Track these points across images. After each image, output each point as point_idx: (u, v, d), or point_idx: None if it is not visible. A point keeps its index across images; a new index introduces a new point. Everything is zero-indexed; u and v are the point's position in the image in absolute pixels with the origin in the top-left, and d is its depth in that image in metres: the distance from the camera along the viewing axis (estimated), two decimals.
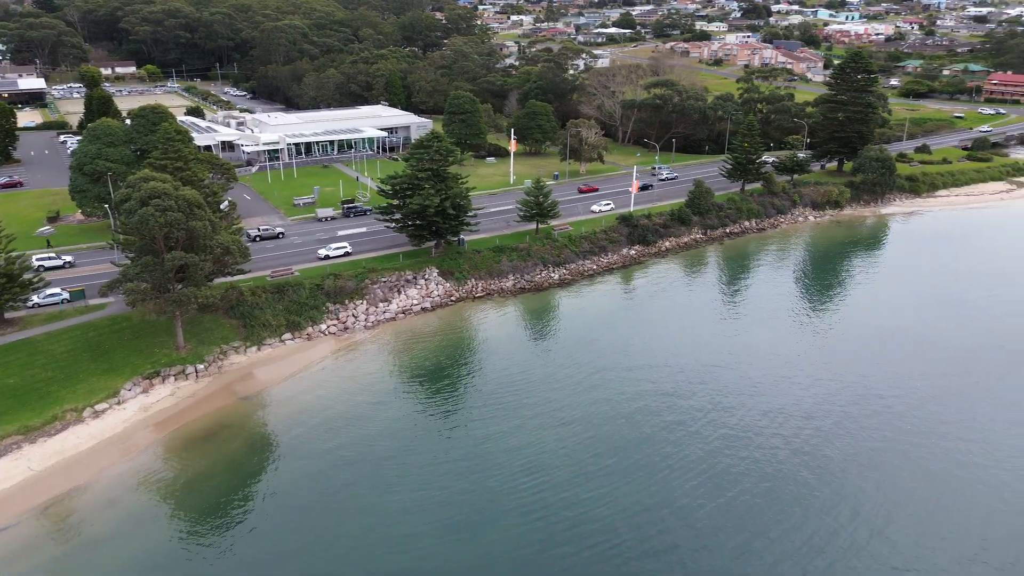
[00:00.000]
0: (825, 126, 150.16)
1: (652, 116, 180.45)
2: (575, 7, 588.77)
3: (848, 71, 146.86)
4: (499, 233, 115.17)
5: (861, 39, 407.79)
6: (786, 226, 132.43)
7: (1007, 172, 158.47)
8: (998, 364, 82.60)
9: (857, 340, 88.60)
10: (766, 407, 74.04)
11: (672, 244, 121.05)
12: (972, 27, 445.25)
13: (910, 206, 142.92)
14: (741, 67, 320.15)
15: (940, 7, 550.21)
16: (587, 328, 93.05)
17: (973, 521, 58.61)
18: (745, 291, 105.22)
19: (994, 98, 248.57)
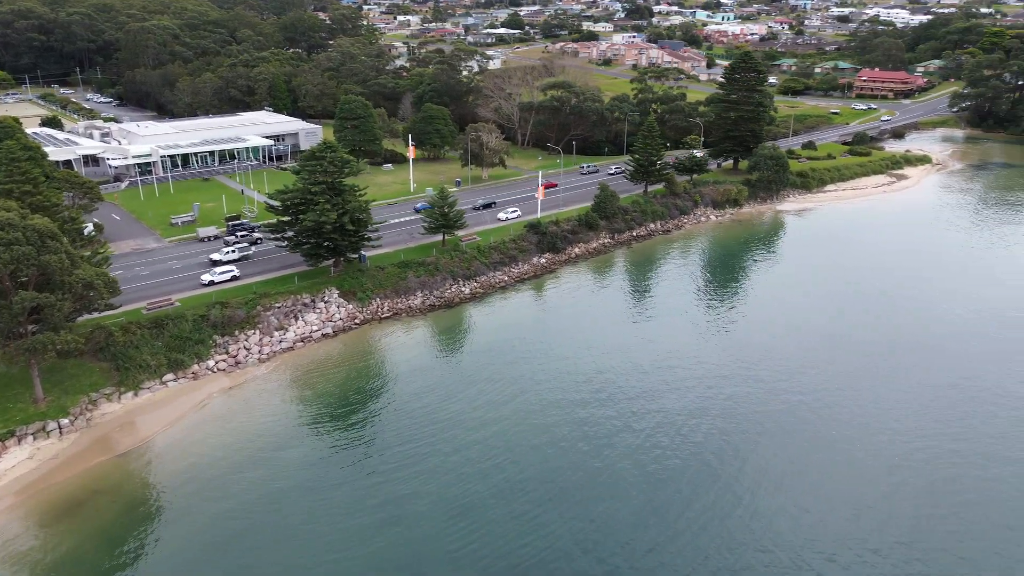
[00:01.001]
0: (719, 125, 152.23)
1: (550, 118, 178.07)
2: (462, 7, 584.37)
3: (738, 71, 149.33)
4: (403, 247, 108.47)
5: (738, 39, 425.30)
6: (690, 227, 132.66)
7: (886, 165, 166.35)
8: (886, 351, 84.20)
9: (763, 335, 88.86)
10: (681, 403, 71.77)
11: (582, 250, 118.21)
12: (836, 26, 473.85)
13: (803, 202, 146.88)
14: (630, 66, 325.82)
15: (806, 8, 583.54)
16: (503, 343, 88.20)
17: (858, 483, 63.90)
18: (656, 295, 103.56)
19: (864, 94, 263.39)
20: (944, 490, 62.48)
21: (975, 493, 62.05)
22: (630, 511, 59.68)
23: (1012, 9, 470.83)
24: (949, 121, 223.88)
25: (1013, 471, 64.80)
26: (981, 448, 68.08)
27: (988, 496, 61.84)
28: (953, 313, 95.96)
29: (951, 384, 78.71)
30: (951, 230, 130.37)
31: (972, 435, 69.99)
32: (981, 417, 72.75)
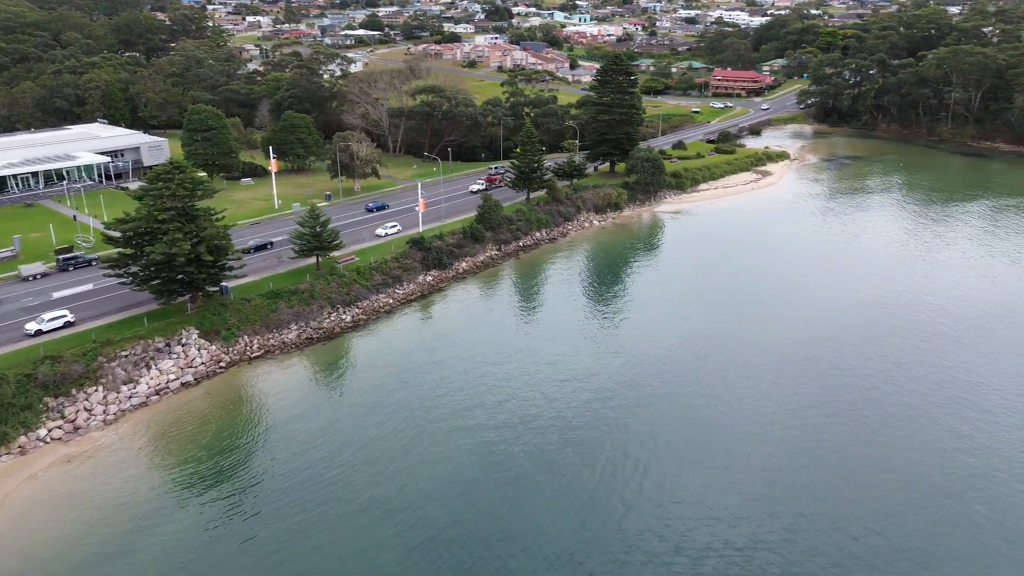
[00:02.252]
0: (595, 128, 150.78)
1: (422, 124, 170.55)
2: (316, 7, 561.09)
3: (609, 73, 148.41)
4: (271, 273, 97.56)
5: (596, 40, 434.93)
6: (575, 233, 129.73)
7: (751, 163, 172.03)
8: (770, 349, 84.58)
9: (648, 338, 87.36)
10: (582, 417, 67.44)
11: (469, 264, 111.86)
12: (685, 28, 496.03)
13: (679, 202, 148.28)
14: (495, 68, 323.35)
15: (656, 10, 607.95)
16: (393, 375, 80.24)
17: (722, 453, 67.94)
18: (547, 307, 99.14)
19: (720, 93, 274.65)
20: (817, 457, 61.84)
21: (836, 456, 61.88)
22: (557, 542, 54.20)
23: (837, 11, 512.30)
24: (798, 117, 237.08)
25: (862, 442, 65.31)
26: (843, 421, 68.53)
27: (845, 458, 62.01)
28: (836, 306, 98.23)
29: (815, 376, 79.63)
30: (818, 224, 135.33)
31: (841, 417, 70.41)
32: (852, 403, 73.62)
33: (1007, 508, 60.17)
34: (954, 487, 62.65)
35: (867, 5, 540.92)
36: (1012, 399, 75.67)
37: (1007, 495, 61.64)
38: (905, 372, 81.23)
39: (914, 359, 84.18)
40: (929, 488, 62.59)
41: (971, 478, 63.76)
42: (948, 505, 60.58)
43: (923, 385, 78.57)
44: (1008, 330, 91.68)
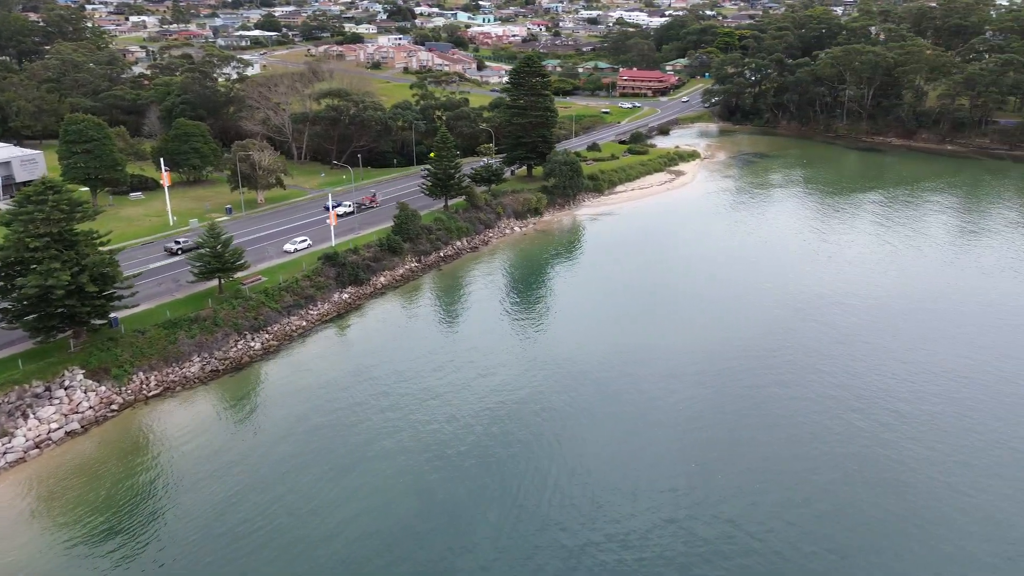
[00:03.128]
0: (510, 132, 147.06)
1: (329, 130, 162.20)
2: (207, 7, 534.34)
3: (524, 75, 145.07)
4: (168, 299, 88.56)
5: (502, 40, 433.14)
6: (496, 240, 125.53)
7: (664, 163, 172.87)
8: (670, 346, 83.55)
9: (577, 344, 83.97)
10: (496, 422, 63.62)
11: (388, 279, 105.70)
12: (588, 28, 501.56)
13: (598, 205, 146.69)
14: (400, 69, 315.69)
15: (558, 11, 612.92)
16: (309, 401, 73.72)
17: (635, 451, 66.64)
18: (471, 318, 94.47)
19: (627, 93, 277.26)
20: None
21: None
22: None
23: (730, 11, 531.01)
24: (704, 116, 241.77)
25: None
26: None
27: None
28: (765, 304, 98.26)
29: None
30: (733, 222, 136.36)
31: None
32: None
33: (920, 493, 60.19)
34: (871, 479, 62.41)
35: (757, 6, 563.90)
36: (917, 384, 76.84)
37: (921, 480, 61.78)
38: (827, 366, 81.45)
39: (832, 353, 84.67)
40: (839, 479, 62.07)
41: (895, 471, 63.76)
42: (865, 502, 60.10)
43: (839, 379, 78.85)
44: (906, 322, 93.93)
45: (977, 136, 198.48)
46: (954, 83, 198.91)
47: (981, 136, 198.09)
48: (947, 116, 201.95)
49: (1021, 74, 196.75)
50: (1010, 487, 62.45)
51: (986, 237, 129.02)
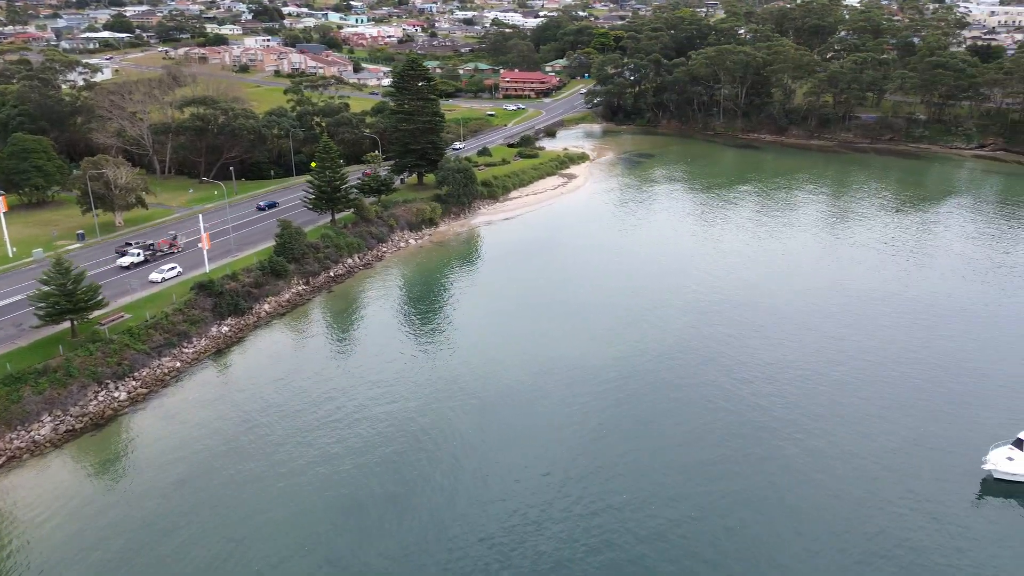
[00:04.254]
0: (397, 139, 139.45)
1: (195, 141, 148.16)
2: (47, 7, 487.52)
3: (408, 79, 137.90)
4: (7, 349, 75.55)
5: (377, 41, 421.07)
6: (391, 255, 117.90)
7: (556, 166, 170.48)
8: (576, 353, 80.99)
9: (482, 360, 78.80)
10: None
11: (272, 305, 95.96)
12: (464, 29, 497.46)
13: (494, 212, 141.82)
14: (271, 72, 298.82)
15: (433, 11, 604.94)
16: (186, 456, 64.30)
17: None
18: (368, 342, 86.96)
19: (510, 94, 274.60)
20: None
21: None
22: None
23: (601, 12, 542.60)
24: (588, 117, 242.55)
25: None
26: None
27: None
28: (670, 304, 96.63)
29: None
30: (627, 224, 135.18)
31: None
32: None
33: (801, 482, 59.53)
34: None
35: (626, 7, 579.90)
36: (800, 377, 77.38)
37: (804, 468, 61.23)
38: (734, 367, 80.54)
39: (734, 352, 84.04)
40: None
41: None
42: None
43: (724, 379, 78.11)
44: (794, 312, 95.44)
45: (842, 131, 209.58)
46: (818, 81, 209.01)
47: (845, 131, 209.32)
48: (814, 113, 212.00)
49: (877, 72, 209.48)
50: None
51: (857, 223, 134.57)
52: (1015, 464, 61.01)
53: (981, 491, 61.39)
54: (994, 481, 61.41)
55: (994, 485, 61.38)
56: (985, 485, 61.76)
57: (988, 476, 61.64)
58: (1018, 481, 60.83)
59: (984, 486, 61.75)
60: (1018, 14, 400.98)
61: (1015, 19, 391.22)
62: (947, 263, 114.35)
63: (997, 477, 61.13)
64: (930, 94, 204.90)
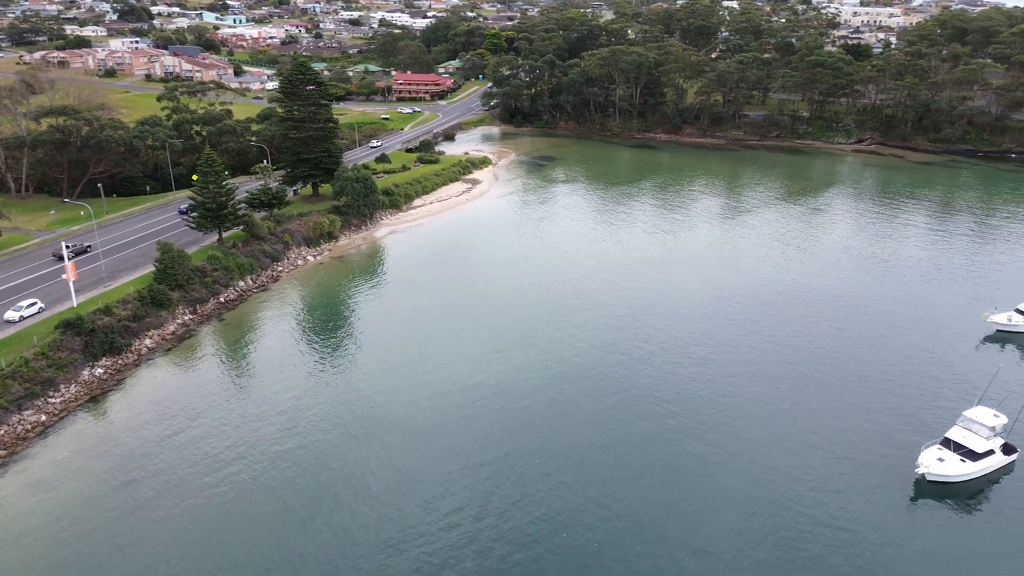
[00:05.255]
0: (288, 147, 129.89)
1: (55, 155, 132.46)
2: None
3: (297, 84, 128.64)
4: None
5: (259, 43, 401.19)
6: (288, 275, 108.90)
7: (458, 172, 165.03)
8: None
9: (395, 383, 72.99)
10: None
11: (156, 341, 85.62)
12: (351, 30, 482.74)
13: (397, 222, 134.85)
14: (141, 77, 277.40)
15: (317, 11, 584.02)
16: (58, 532, 54.60)
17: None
18: (266, 374, 78.62)
19: (404, 97, 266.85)
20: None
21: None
22: None
23: (489, 13, 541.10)
24: (486, 119, 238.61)
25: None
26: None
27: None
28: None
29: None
30: (536, 228, 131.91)
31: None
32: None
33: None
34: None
35: (514, 8, 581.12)
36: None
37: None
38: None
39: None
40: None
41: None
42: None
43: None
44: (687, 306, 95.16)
45: (732, 129, 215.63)
46: (708, 81, 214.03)
47: (736, 129, 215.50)
48: (705, 112, 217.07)
49: (761, 71, 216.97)
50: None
51: (752, 218, 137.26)
52: (946, 465, 61.12)
53: (915, 494, 61.13)
54: (928, 483, 61.25)
55: (928, 487, 61.25)
56: (919, 488, 61.57)
57: (921, 479, 61.40)
58: (950, 482, 60.93)
59: (918, 489, 61.54)
60: (877, 14, 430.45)
61: (875, 19, 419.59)
62: (853, 261, 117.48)
63: (930, 480, 60.98)
64: (811, 92, 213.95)
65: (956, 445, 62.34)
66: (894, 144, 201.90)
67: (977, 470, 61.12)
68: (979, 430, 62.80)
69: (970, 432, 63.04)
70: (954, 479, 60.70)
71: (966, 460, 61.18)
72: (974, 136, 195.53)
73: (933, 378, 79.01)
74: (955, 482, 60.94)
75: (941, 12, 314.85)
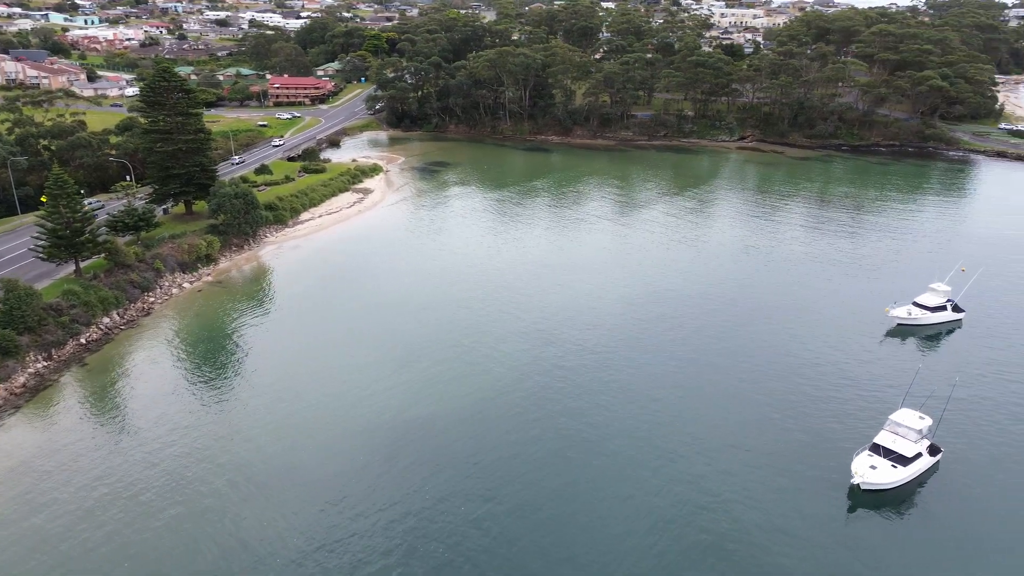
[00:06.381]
0: (155, 161, 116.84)
1: None
2: None
3: (161, 92, 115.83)
4: None
5: (114, 45, 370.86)
6: (161, 306, 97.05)
7: (348, 181, 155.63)
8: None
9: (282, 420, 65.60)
10: None
11: (3, 395, 72.85)
12: (218, 31, 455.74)
13: (284, 239, 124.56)
14: None
15: (179, 11, 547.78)
16: None
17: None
18: (138, 427, 68.52)
19: (282, 102, 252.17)
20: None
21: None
22: None
23: (366, 14, 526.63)
24: (372, 124, 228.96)
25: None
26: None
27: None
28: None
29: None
30: (436, 239, 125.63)
31: None
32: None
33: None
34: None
35: (392, 8, 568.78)
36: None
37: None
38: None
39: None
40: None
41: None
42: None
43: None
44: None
45: (622, 130, 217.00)
46: (596, 82, 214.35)
47: (625, 129, 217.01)
48: (595, 113, 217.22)
49: (645, 71, 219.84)
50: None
51: (646, 218, 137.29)
52: (879, 473, 60.28)
53: (851, 504, 59.94)
54: (862, 492, 60.17)
55: (862, 496, 60.18)
56: (853, 496, 60.42)
57: (856, 488, 60.25)
58: (884, 489, 60.12)
59: (853, 497, 60.39)
60: (743, 15, 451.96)
61: (742, 20, 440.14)
62: (752, 261, 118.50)
63: (865, 488, 59.92)
64: (694, 91, 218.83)
65: (886, 451, 61.74)
66: (773, 140, 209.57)
67: (908, 475, 60.71)
68: (907, 434, 62.55)
69: (898, 436, 62.67)
70: (887, 486, 59.94)
71: (897, 466, 60.62)
72: (845, 131, 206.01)
73: (850, 380, 79.00)
74: (889, 489, 60.20)
75: (804, 13, 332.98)
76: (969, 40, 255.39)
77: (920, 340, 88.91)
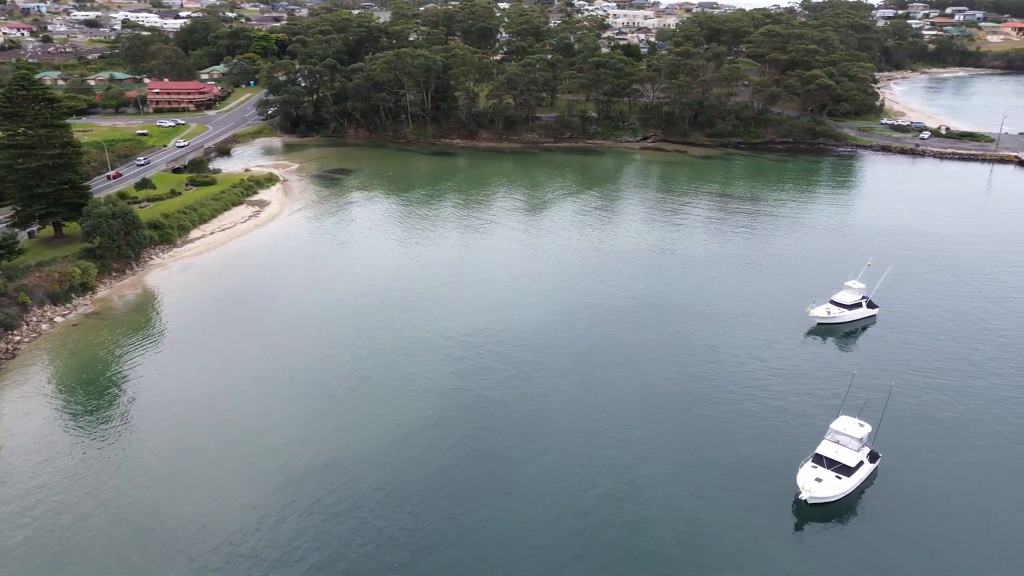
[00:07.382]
0: (16, 180, 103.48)
1: None
2: None
3: (20, 102, 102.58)
4: None
5: None
6: (28, 345, 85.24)
7: (241, 194, 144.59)
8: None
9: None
10: None
11: None
12: (88, 32, 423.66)
13: (173, 260, 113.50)
14: None
15: (42, 11, 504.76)
16: None
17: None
18: (4, 502, 59.03)
19: (163, 108, 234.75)
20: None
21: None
22: None
23: (252, 14, 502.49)
24: (264, 130, 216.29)
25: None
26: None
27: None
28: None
29: None
30: (341, 256, 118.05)
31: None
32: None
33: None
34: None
35: (279, 8, 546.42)
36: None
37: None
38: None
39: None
40: None
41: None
42: None
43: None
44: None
45: (527, 132, 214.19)
46: (499, 84, 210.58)
47: (530, 132, 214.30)
48: (499, 115, 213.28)
49: (547, 72, 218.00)
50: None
51: (553, 221, 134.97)
52: (825, 485, 58.76)
53: (798, 519, 58.14)
54: (809, 507, 58.44)
55: (809, 509, 58.46)
56: (800, 510, 58.65)
57: (803, 503, 58.46)
58: (831, 503, 58.62)
59: (799, 511, 58.61)
60: (635, 16, 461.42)
61: (634, 20, 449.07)
62: (673, 264, 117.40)
63: (812, 503, 58.21)
64: (596, 92, 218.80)
65: (829, 461, 60.37)
66: (675, 140, 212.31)
67: (852, 485, 59.55)
68: (848, 443, 61.45)
69: (840, 446, 61.48)
70: (834, 499, 58.50)
71: (842, 476, 59.31)
72: (742, 129, 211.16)
73: (783, 386, 77.89)
74: (834, 501, 58.79)
75: (694, 15, 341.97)
76: (846, 40, 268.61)
77: (840, 339, 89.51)
